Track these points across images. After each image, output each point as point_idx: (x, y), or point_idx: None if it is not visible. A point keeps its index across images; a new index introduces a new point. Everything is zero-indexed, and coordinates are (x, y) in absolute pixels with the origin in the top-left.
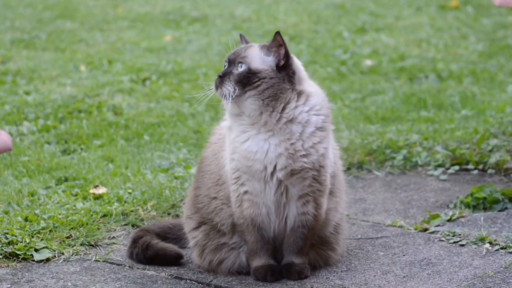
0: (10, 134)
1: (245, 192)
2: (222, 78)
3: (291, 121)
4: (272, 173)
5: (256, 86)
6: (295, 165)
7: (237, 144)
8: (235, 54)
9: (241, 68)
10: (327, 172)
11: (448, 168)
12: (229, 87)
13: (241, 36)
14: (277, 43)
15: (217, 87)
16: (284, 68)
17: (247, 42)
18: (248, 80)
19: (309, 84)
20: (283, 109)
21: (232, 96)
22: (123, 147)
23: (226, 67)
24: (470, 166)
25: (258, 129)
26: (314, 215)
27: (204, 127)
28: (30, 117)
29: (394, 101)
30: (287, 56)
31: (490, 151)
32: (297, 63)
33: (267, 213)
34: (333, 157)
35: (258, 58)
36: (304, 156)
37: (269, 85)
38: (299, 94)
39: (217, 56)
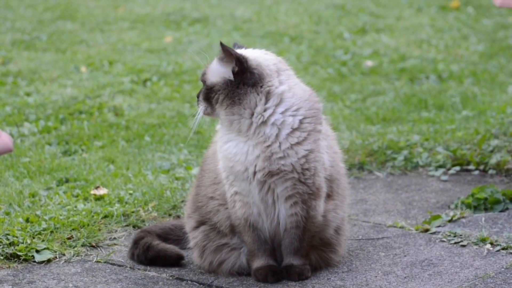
0: (11, 135)
1: (236, 193)
2: (198, 98)
3: (264, 123)
4: (254, 174)
5: (216, 99)
6: (272, 167)
7: (221, 144)
8: (202, 74)
9: (204, 86)
10: (316, 175)
11: (449, 169)
12: (201, 106)
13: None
14: (225, 53)
15: (197, 105)
16: (239, 73)
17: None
18: (209, 95)
19: (280, 81)
20: (252, 114)
21: (205, 113)
22: (124, 148)
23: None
24: (471, 167)
25: (237, 134)
26: (305, 217)
27: (205, 127)
28: (31, 118)
29: (395, 101)
30: (239, 61)
31: (491, 151)
32: (256, 62)
33: (258, 213)
34: (328, 161)
35: (215, 72)
36: (281, 158)
37: (225, 95)
38: (267, 95)
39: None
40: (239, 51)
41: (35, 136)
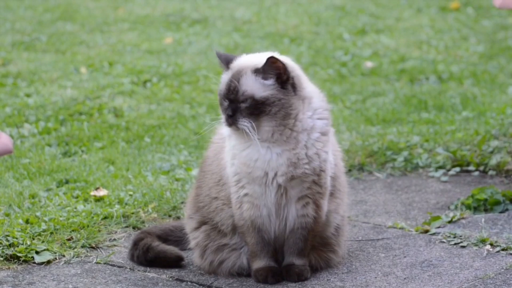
0: (11, 136)
1: (245, 195)
2: (233, 117)
3: (300, 131)
4: (273, 178)
5: (268, 112)
6: (296, 171)
7: (237, 151)
8: (235, 92)
9: (247, 102)
10: (328, 175)
11: (449, 170)
12: (245, 123)
13: (218, 55)
14: (274, 67)
15: (230, 125)
16: (287, 80)
17: (227, 59)
18: (259, 109)
19: (307, 83)
20: (294, 122)
21: (252, 130)
22: (124, 149)
23: (228, 104)
24: (471, 168)
25: (262, 141)
26: (314, 217)
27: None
28: (31, 119)
29: (394, 102)
30: (286, 69)
31: (491, 152)
32: (291, 65)
33: (267, 215)
34: (333, 159)
35: (259, 85)
36: (306, 163)
37: (280, 107)
38: (303, 99)
39: (217, 58)
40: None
41: (35, 137)
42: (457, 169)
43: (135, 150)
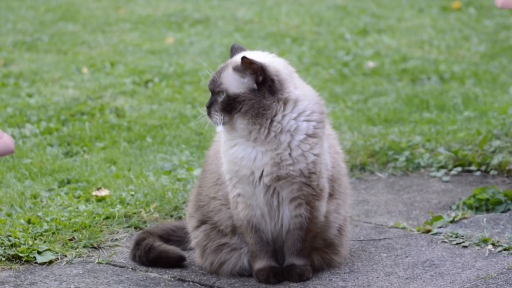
0: (13, 136)
1: (239, 195)
2: (209, 109)
3: (280, 132)
4: (260, 178)
5: (239, 110)
6: (280, 172)
7: (226, 148)
8: (213, 83)
9: (222, 96)
10: (321, 177)
11: (450, 170)
12: (217, 116)
13: (232, 46)
14: (247, 65)
15: (208, 116)
16: (264, 82)
17: (236, 52)
18: (230, 105)
19: (295, 85)
20: (271, 122)
21: (222, 123)
22: (125, 149)
23: (211, 96)
24: (473, 168)
25: (246, 140)
26: (309, 218)
27: (206, 128)
28: (32, 119)
29: (396, 102)
30: (262, 70)
31: (493, 152)
32: (275, 68)
33: (261, 215)
34: (330, 161)
35: (235, 82)
36: (290, 164)
37: (250, 106)
38: (285, 101)
39: (219, 58)
40: (250, 55)
41: (37, 137)
42: (459, 169)
43: (136, 150)
